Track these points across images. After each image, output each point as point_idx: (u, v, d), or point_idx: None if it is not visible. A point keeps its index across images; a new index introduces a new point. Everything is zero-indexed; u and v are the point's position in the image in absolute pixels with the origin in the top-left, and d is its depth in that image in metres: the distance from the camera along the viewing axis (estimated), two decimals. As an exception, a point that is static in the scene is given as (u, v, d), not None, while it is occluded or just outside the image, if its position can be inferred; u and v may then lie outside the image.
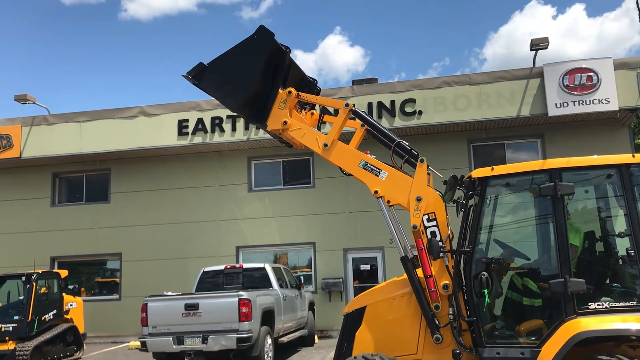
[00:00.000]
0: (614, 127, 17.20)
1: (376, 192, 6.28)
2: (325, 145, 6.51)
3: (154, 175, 19.41)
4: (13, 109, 76.30)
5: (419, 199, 6.02)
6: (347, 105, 6.64)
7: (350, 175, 6.55)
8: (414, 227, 5.96)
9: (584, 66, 16.40)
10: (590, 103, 16.19)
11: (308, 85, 7.24)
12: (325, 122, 7.23)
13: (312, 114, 7.14)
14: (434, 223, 5.98)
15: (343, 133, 6.76)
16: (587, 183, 5.88)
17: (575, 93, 16.30)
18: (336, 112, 6.87)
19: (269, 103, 6.61)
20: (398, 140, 6.53)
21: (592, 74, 16.27)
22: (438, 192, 6.14)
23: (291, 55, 6.77)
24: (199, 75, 6.66)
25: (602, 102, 16.14)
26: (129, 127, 18.62)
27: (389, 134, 6.69)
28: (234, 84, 6.54)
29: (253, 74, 6.49)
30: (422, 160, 6.20)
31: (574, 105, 16.25)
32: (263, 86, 6.55)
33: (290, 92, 6.65)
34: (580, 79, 16.32)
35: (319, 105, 7.14)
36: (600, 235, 5.91)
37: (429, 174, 6.25)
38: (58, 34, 66.54)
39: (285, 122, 6.61)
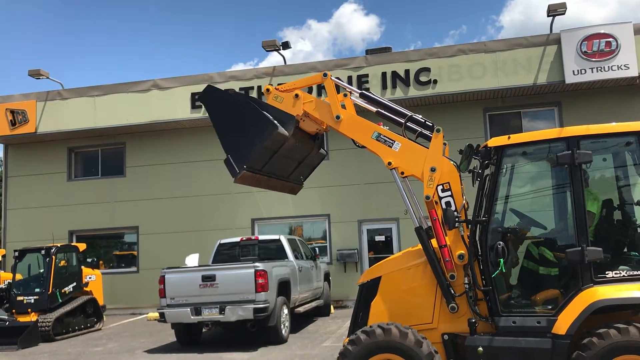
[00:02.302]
0: (634, 93, 16.89)
1: (390, 163, 6.23)
2: (338, 117, 6.46)
3: (169, 149, 19.48)
4: (27, 84, 76.72)
5: (433, 170, 5.97)
6: (325, 75, 6.58)
7: (363, 147, 6.50)
8: (427, 197, 5.95)
9: (602, 31, 16.07)
10: (609, 69, 15.90)
11: None
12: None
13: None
14: (448, 193, 5.94)
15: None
16: (606, 151, 5.78)
17: (594, 59, 16.01)
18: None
19: (275, 111, 6.55)
20: (410, 115, 6.43)
21: (611, 39, 15.94)
22: (453, 162, 6.08)
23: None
24: (237, 163, 6.53)
25: (621, 68, 15.86)
26: (142, 101, 18.66)
27: (398, 108, 6.59)
28: (252, 128, 6.47)
29: (246, 107, 6.54)
30: (438, 131, 6.12)
31: (592, 72, 15.98)
32: (255, 109, 6.56)
33: (268, 89, 6.73)
34: (599, 45, 16.01)
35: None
36: (618, 203, 5.83)
37: (445, 144, 6.18)
38: (68, 7, 66.41)
39: (296, 95, 6.60)
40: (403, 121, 6.41)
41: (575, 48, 16.08)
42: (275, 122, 6.36)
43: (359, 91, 6.81)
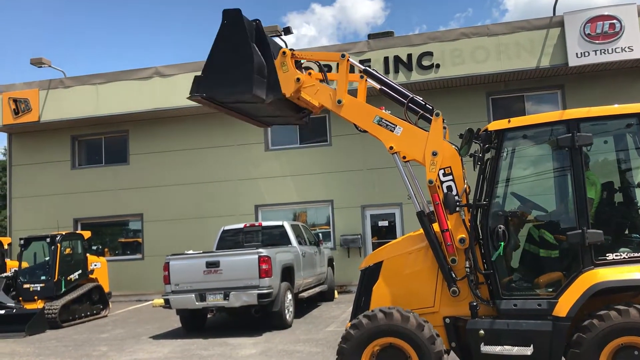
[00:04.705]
0: (637, 75, 16.79)
1: (391, 147, 6.20)
2: (339, 101, 6.39)
3: (172, 136, 19.50)
4: (29, 72, 76.72)
5: (434, 154, 5.95)
6: (343, 55, 6.47)
7: (365, 131, 6.47)
8: (430, 182, 5.92)
9: (606, 13, 15.96)
10: (612, 52, 15.81)
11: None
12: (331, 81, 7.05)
13: (310, 73, 6.87)
14: (450, 177, 5.92)
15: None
16: (607, 133, 5.76)
17: (597, 42, 15.91)
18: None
19: (273, 74, 6.44)
20: (412, 96, 6.41)
21: (614, 21, 15.83)
22: (454, 146, 6.08)
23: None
24: (202, 87, 6.43)
25: (625, 51, 15.76)
26: (144, 88, 18.67)
27: (400, 88, 6.54)
28: (235, 73, 6.32)
29: (246, 54, 6.29)
30: (437, 114, 6.09)
31: (596, 54, 15.88)
32: (259, 62, 6.37)
33: (284, 52, 6.50)
34: (603, 27, 15.90)
35: (317, 64, 6.97)
36: (619, 186, 5.82)
37: (445, 127, 6.16)
38: (71, -4, 66.13)
39: (298, 79, 6.46)
40: (405, 101, 6.38)
41: (579, 30, 15.97)
42: (253, 86, 6.18)
43: (363, 67, 6.70)
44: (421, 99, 6.42)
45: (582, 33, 15.95)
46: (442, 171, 5.94)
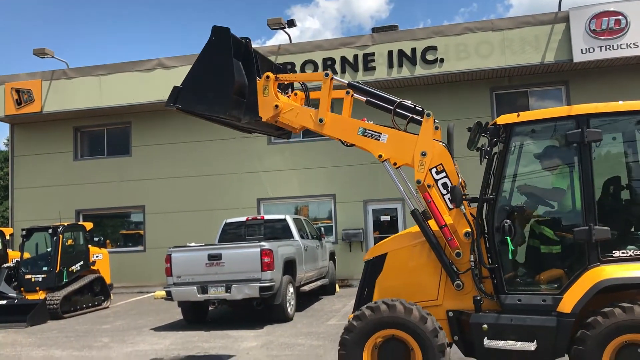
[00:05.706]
0: (643, 72, 16.71)
1: (380, 156, 6.21)
2: (321, 120, 6.38)
3: (175, 128, 19.44)
4: (32, 63, 76.56)
5: (423, 154, 5.96)
6: (326, 75, 6.48)
7: (352, 145, 6.45)
8: (418, 182, 5.95)
9: (612, 9, 15.89)
10: (617, 48, 15.75)
11: (280, 72, 7.05)
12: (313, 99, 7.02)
13: (296, 94, 6.98)
14: (443, 174, 5.94)
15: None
16: (615, 129, 5.71)
17: (602, 38, 15.84)
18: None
19: (253, 96, 6.46)
20: (399, 101, 6.38)
21: (620, 17, 15.76)
22: (442, 144, 6.06)
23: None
24: (179, 99, 6.54)
25: (631, 47, 15.71)
26: (147, 80, 18.60)
27: (387, 96, 6.51)
28: (213, 91, 6.37)
29: (227, 74, 6.33)
30: (428, 115, 6.08)
31: (601, 50, 15.81)
32: (241, 82, 6.40)
33: (268, 76, 6.52)
34: (608, 23, 15.84)
35: (302, 84, 7.01)
36: (627, 182, 5.78)
37: (437, 127, 6.12)
38: (74, -13, 66.02)
39: (276, 106, 6.47)
40: (392, 107, 6.35)
41: (584, 26, 15.91)
42: (229, 107, 6.26)
43: (346, 82, 6.70)
44: (410, 102, 6.39)
45: (588, 29, 15.89)
46: (434, 169, 5.96)
